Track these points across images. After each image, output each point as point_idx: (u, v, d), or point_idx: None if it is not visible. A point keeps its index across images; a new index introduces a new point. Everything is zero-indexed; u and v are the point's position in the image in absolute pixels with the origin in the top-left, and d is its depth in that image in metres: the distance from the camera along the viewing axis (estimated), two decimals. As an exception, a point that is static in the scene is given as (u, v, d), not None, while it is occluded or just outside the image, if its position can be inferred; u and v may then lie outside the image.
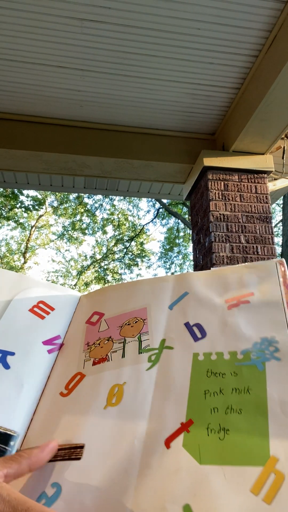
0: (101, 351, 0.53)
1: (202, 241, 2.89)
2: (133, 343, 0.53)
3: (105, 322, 0.58)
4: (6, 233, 16.70)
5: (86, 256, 13.27)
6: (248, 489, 0.35)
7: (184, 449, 0.39)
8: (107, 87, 2.61)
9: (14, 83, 2.57)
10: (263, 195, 2.88)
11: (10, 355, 0.51)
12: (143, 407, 0.44)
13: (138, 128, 3.02)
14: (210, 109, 2.84)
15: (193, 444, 0.40)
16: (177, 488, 0.36)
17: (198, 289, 0.58)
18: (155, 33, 2.20)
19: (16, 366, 0.50)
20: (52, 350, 0.55)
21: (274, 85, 2.21)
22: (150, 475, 0.38)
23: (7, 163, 3.00)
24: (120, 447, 0.41)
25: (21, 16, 2.09)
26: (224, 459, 0.38)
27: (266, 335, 0.48)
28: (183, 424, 0.42)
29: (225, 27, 2.17)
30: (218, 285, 0.57)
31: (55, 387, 0.50)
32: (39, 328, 0.56)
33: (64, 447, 0.42)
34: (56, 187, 3.77)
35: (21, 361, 0.51)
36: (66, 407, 0.47)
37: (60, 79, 2.54)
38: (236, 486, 0.35)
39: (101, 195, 10.52)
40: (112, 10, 2.06)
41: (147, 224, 12.48)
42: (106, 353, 0.53)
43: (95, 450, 0.41)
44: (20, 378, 0.49)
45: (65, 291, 0.64)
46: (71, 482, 0.39)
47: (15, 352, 0.52)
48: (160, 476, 0.38)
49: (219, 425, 0.41)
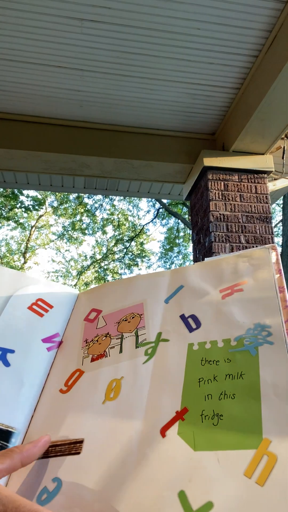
0: (99, 347, 0.54)
1: (202, 241, 2.89)
2: (130, 338, 0.53)
3: (102, 319, 0.58)
4: (6, 233, 16.70)
5: (86, 256, 13.28)
6: (241, 472, 0.35)
7: (179, 437, 0.40)
8: (107, 87, 2.61)
9: (14, 83, 2.57)
10: (263, 195, 2.88)
11: (10, 353, 0.51)
12: (140, 400, 0.45)
13: (138, 128, 3.02)
14: (210, 109, 2.84)
15: (188, 431, 0.40)
16: (173, 475, 0.37)
17: (193, 281, 0.58)
18: (155, 33, 2.20)
19: (16, 363, 0.50)
20: (51, 348, 0.55)
21: (274, 85, 2.21)
22: (146, 465, 0.38)
23: (7, 163, 3.00)
24: (118, 441, 0.41)
25: (21, 16, 2.09)
26: (218, 445, 0.38)
27: (259, 320, 0.48)
28: (178, 413, 0.42)
29: (225, 27, 2.17)
30: (213, 276, 0.57)
31: (55, 384, 0.51)
32: (38, 325, 0.57)
33: (64, 442, 0.43)
34: (56, 187, 3.77)
35: (21, 358, 0.51)
36: (65, 404, 0.47)
37: (60, 79, 2.54)
38: (229, 470, 0.36)
39: (101, 195, 10.52)
40: (112, 10, 2.06)
41: (147, 224, 12.49)
42: (104, 349, 0.53)
43: (95, 444, 0.42)
44: (20, 376, 0.49)
45: (64, 289, 0.65)
46: (71, 476, 0.40)
47: (15, 350, 0.52)
48: (156, 465, 0.38)
49: (212, 411, 0.41)
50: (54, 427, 0.45)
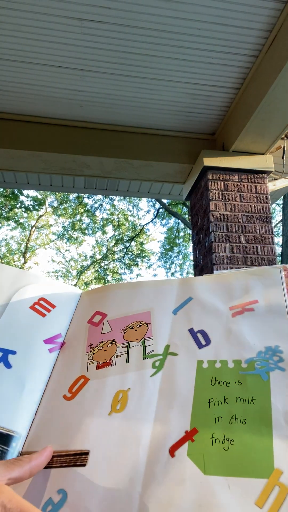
0: (104, 354, 0.53)
1: (202, 241, 2.89)
2: (137, 348, 0.53)
3: (108, 324, 0.57)
4: (6, 233, 16.70)
5: (86, 256, 13.28)
6: (253, 501, 0.35)
7: (189, 458, 0.39)
8: (107, 87, 2.61)
9: (14, 83, 2.57)
10: (263, 195, 2.88)
11: (12, 354, 0.50)
12: (147, 414, 0.44)
13: (138, 128, 3.02)
14: (210, 109, 2.84)
15: (198, 453, 0.39)
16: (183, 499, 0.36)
17: (202, 294, 0.57)
18: (155, 33, 2.20)
19: (18, 365, 0.49)
20: (53, 349, 0.54)
21: (274, 85, 2.21)
22: (154, 484, 0.38)
23: (7, 163, 3.00)
24: (125, 455, 0.41)
25: (21, 16, 2.09)
26: (229, 470, 0.38)
27: (270, 344, 0.48)
28: (188, 433, 0.42)
29: (225, 27, 2.17)
30: (223, 292, 0.57)
31: (58, 389, 0.50)
32: (40, 326, 0.55)
33: (69, 453, 0.42)
34: (56, 187, 3.77)
35: (23, 360, 0.50)
36: (70, 411, 0.47)
37: (60, 79, 2.54)
38: (241, 498, 0.35)
39: (101, 195, 10.52)
40: (112, 10, 2.06)
41: (147, 224, 12.48)
42: (110, 357, 0.52)
43: (100, 457, 0.41)
44: (22, 378, 0.48)
45: (66, 288, 0.64)
46: (77, 488, 0.39)
47: (17, 351, 0.51)
48: (165, 486, 0.38)
49: (223, 435, 0.40)
50: (57, 434, 0.44)
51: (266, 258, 2.72)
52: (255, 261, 2.70)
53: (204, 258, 2.82)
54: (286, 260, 6.59)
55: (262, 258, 2.72)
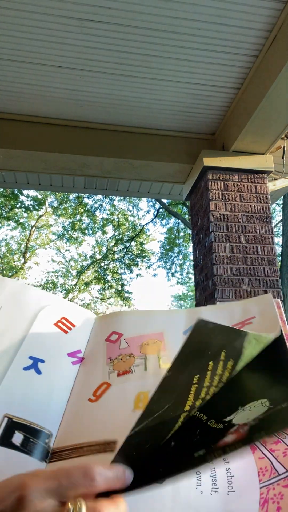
0: (124, 364, 0.58)
1: (202, 241, 2.89)
2: (154, 359, 0.58)
3: (124, 341, 0.63)
4: (6, 233, 16.68)
5: (86, 256, 13.27)
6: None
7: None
8: (107, 87, 2.61)
9: (14, 83, 2.57)
10: (263, 195, 2.88)
11: (41, 362, 0.56)
12: None
13: (138, 128, 3.02)
14: (210, 109, 2.84)
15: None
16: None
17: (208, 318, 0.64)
18: (155, 33, 2.20)
19: (47, 372, 0.55)
20: (75, 362, 0.59)
21: (274, 85, 2.21)
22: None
23: (7, 163, 3.00)
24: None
25: (21, 16, 2.09)
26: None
27: None
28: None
29: (225, 27, 2.17)
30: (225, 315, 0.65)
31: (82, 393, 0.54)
32: (63, 340, 0.61)
33: (98, 443, 0.46)
34: (56, 187, 3.77)
35: (51, 368, 0.55)
36: (96, 411, 0.51)
37: (60, 79, 2.54)
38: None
39: (101, 195, 10.52)
40: (112, 10, 2.06)
41: (147, 224, 12.46)
42: (129, 366, 0.58)
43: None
44: (51, 384, 0.54)
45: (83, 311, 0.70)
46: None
47: (45, 360, 0.56)
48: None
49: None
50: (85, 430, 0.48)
51: (266, 258, 2.72)
52: (255, 261, 2.70)
53: (204, 258, 2.82)
54: (286, 260, 6.59)
55: (262, 258, 2.72)
